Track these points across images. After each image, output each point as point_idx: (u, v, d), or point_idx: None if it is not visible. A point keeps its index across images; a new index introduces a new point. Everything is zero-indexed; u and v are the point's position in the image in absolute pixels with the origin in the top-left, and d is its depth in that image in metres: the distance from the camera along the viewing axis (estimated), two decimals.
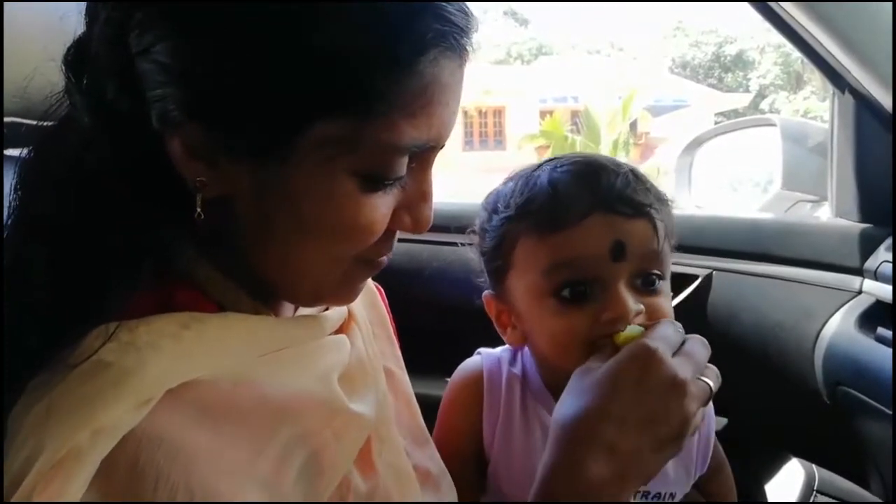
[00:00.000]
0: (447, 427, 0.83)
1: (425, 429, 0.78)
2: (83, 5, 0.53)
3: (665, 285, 0.75)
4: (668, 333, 0.63)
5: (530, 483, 0.61)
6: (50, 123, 0.53)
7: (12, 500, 0.41)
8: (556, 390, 0.72)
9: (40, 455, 0.42)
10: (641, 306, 0.70)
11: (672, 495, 0.80)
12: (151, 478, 0.44)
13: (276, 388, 0.53)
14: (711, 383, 0.61)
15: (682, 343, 0.63)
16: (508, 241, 0.76)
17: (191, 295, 0.55)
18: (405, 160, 0.52)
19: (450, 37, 0.50)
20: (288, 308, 0.65)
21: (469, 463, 0.81)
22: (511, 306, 0.79)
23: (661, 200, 0.76)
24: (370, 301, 0.80)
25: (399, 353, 0.81)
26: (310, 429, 0.54)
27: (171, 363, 0.47)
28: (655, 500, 0.79)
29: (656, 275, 0.73)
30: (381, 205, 0.53)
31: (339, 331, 0.67)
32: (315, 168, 0.50)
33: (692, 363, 0.61)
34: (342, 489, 0.58)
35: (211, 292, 0.56)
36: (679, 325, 0.65)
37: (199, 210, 0.51)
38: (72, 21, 0.54)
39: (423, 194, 0.57)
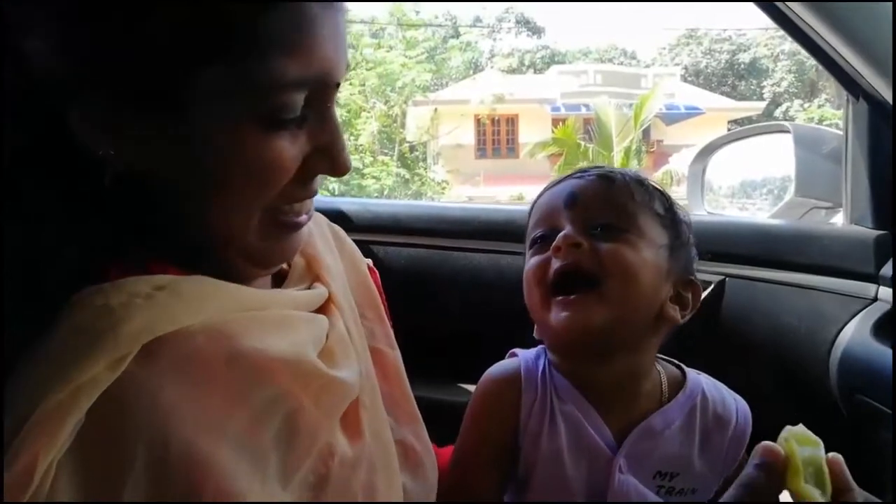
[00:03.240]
0: (483, 420, 0.82)
1: (415, 406, 0.79)
2: None
3: (635, 241, 0.79)
4: None
5: (554, 466, 0.75)
6: None
7: (7, 457, 0.43)
8: (569, 377, 0.80)
9: (29, 416, 0.44)
10: (581, 240, 0.77)
11: (693, 491, 0.80)
12: (130, 433, 0.47)
13: (248, 346, 0.54)
14: None
15: None
16: (525, 227, 0.89)
17: (164, 268, 0.57)
18: (298, 98, 0.55)
19: None
20: (260, 285, 0.67)
21: (498, 458, 0.80)
22: None
23: (641, 182, 0.85)
24: (361, 281, 0.82)
25: (391, 332, 0.83)
26: (284, 391, 0.56)
27: (144, 320, 0.49)
28: (679, 495, 0.79)
29: (613, 224, 0.79)
30: (288, 145, 0.56)
31: (319, 312, 0.69)
32: (212, 117, 0.53)
33: None
34: (323, 454, 0.59)
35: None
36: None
37: (107, 182, 0.54)
38: None
39: (333, 137, 0.59)
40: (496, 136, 19.37)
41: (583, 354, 0.80)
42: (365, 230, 1.44)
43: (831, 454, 0.60)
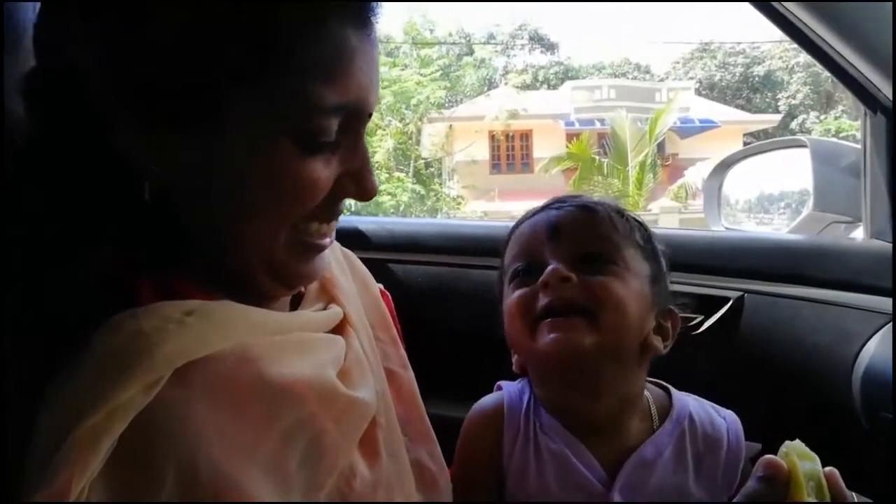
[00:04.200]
0: (467, 456, 0.82)
1: (430, 427, 0.80)
2: None
3: (622, 272, 0.77)
4: None
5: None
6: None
7: (38, 481, 0.45)
8: (554, 412, 0.79)
9: (66, 437, 0.45)
10: (571, 275, 0.75)
11: None
12: (161, 455, 0.48)
13: (275, 370, 0.56)
14: None
15: None
16: (501, 257, 0.88)
17: (189, 288, 0.59)
18: (333, 123, 0.57)
19: (349, 5, 0.57)
20: (279, 307, 0.69)
21: (486, 490, 0.80)
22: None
23: (621, 212, 0.83)
24: (373, 303, 0.84)
25: (404, 353, 0.84)
26: (309, 414, 0.57)
27: (176, 345, 0.51)
28: None
29: (601, 256, 0.78)
30: (322, 167, 0.58)
31: (335, 332, 0.71)
32: (250, 134, 0.55)
33: None
34: (346, 475, 0.60)
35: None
36: None
37: (147, 196, 0.57)
38: None
39: (363, 163, 0.62)
40: (511, 152, 19.39)
41: (571, 382, 0.78)
42: (382, 249, 1.44)
43: (828, 468, 0.62)
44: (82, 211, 0.56)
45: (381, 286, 0.89)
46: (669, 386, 0.85)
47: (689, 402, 0.83)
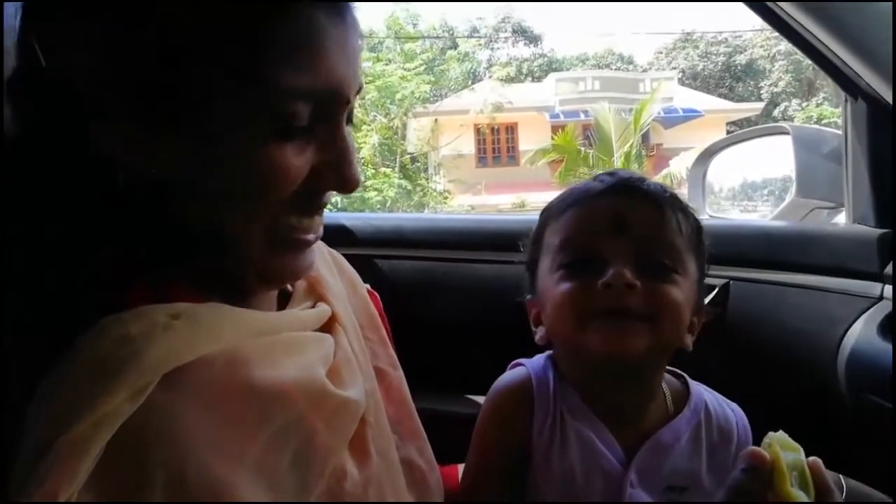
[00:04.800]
0: (490, 434, 0.81)
1: (419, 425, 0.80)
2: None
3: (680, 280, 0.77)
4: None
5: (567, 484, 0.74)
6: None
7: (26, 488, 0.44)
8: (581, 394, 0.79)
9: (51, 446, 0.45)
10: (637, 283, 0.73)
11: None
12: (150, 461, 0.47)
13: (264, 373, 0.55)
14: None
15: None
16: (540, 231, 0.85)
17: (176, 289, 0.58)
18: (304, 108, 0.55)
19: None
20: (267, 306, 0.68)
21: (508, 470, 0.79)
22: (539, 300, 0.83)
23: (685, 211, 0.82)
24: (361, 304, 0.83)
25: (393, 353, 0.83)
26: (299, 415, 0.57)
27: (163, 350, 0.50)
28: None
29: (665, 263, 0.76)
30: (294, 154, 0.56)
31: (323, 331, 0.70)
32: (216, 123, 0.53)
33: None
34: (337, 475, 0.59)
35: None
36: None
37: (120, 187, 0.56)
38: None
39: (343, 153, 0.59)
40: (496, 145, 19.41)
41: (608, 373, 0.78)
42: (368, 244, 1.44)
43: (811, 458, 0.62)
44: (61, 212, 0.55)
45: (368, 286, 0.88)
46: (684, 374, 0.86)
47: (704, 393, 0.84)
